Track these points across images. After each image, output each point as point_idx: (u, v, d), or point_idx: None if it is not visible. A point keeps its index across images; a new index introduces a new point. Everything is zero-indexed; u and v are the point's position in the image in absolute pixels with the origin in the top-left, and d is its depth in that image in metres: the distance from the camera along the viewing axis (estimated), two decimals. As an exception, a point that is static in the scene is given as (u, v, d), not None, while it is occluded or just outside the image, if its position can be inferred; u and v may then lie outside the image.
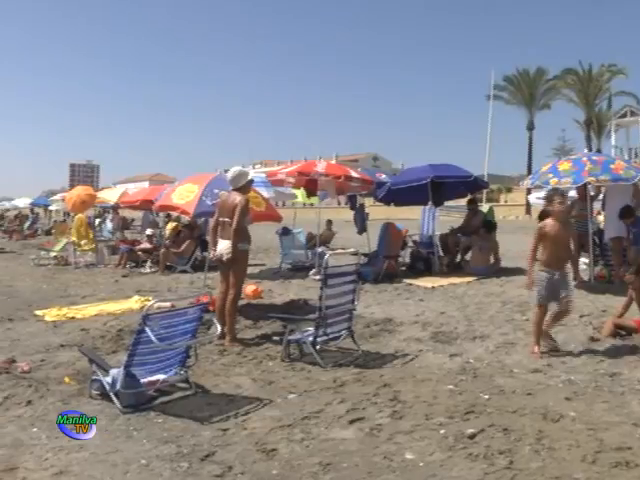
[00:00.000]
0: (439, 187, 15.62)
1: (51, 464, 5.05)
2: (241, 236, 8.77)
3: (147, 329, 6.10)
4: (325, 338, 8.00)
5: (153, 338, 6.09)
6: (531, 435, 5.34)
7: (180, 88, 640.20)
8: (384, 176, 19.19)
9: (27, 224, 44.09)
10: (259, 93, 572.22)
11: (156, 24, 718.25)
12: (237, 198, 8.85)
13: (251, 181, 9.35)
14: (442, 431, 5.48)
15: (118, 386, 6.27)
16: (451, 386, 6.75)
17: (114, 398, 6.28)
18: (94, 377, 6.66)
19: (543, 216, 8.48)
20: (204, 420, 5.91)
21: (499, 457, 4.92)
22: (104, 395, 6.47)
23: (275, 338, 8.60)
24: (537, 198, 19.83)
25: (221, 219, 9.02)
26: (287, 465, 4.91)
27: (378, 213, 25.83)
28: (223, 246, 8.87)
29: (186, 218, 16.63)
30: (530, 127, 66.26)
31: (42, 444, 5.47)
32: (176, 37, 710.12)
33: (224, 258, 8.84)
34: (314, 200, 19.43)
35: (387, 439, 5.35)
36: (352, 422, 5.76)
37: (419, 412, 5.96)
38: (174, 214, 18.98)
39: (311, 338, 7.81)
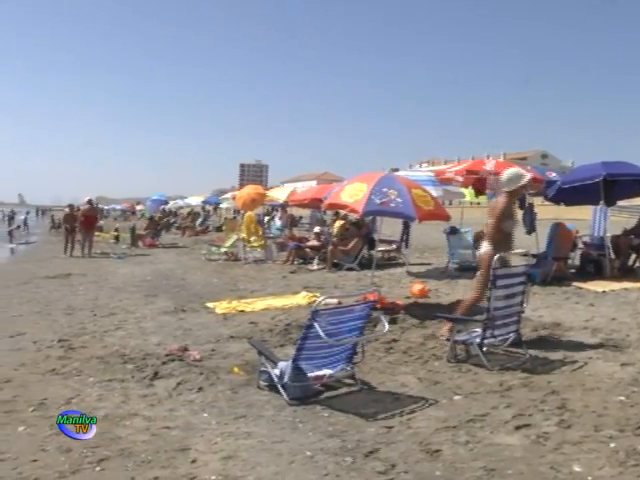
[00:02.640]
0: (612, 186, 14.87)
1: (220, 448, 5.26)
2: (494, 238, 8.49)
3: (316, 324, 6.21)
4: (492, 340, 7.85)
5: (321, 333, 6.20)
6: None
7: (345, 87, 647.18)
8: (554, 174, 18.45)
9: (199, 221, 45.77)
10: (424, 91, 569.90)
11: (329, 24, 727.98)
12: (499, 200, 8.70)
13: (525, 185, 8.82)
14: (612, 445, 5.20)
15: (286, 379, 6.42)
16: (622, 397, 6.39)
17: (281, 390, 6.45)
18: (262, 369, 6.86)
19: None
20: (369, 417, 5.95)
21: (676, 479, 4.61)
22: (271, 387, 6.66)
23: (441, 338, 8.50)
24: None
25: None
26: (450, 467, 4.85)
27: (547, 213, 25.04)
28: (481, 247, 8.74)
29: (354, 216, 16.72)
30: None
31: (212, 429, 5.71)
32: (340, 35, 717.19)
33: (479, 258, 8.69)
34: (482, 199, 19.08)
35: (554, 448, 5.16)
36: (518, 428, 5.61)
37: (588, 422, 5.71)
38: (342, 212, 19.16)
39: (478, 339, 7.68)
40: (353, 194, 11.32)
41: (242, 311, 11.47)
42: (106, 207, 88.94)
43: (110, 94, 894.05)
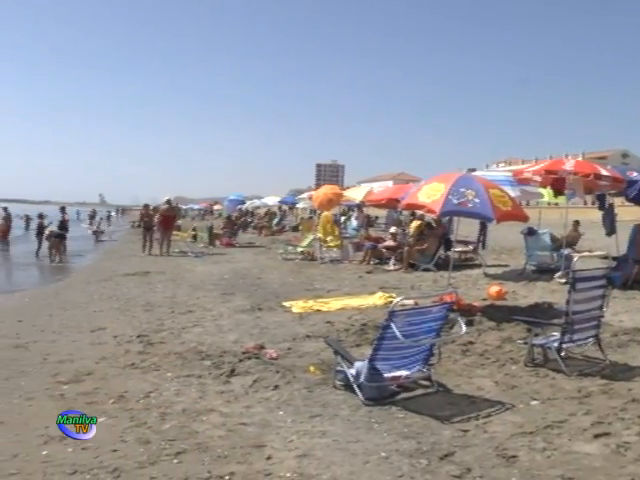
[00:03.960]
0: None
1: (295, 446, 5.31)
2: None
3: (392, 325, 6.20)
4: (571, 344, 7.71)
5: (398, 334, 6.18)
6: None
7: (421, 86, 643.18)
8: (635, 174, 17.94)
9: (275, 221, 46.11)
10: (500, 89, 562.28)
11: (405, 23, 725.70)
12: None
13: None
14: (699, 459, 5.05)
15: (362, 379, 6.43)
16: None
17: (357, 390, 6.47)
18: (338, 368, 6.89)
19: None
20: (444, 419, 5.91)
21: None
22: (347, 386, 6.69)
23: (519, 341, 8.37)
24: None
25: None
26: (527, 474, 4.78)
27: (628, 214, 24.25)
28: None
29: (431, 216, 16.60)
30: None
31: (287, 427, 5.77)
32: (415, 34, 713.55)
33: None
34: (560, 199, 18.69)
35: (635, 459, 5.02)
36: (597, 436, 5.48)
37: (672, 434, 5.55)
38: (419, 212, 19.02)
39: (556, 344, 7.54)
40: (431, 194, 11.22)
41: (318, 310, 11.52)
42: (184, 207, 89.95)
43: (188, 95, 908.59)
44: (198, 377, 7.30)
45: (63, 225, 25.44)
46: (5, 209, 30.43)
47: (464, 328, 7.22)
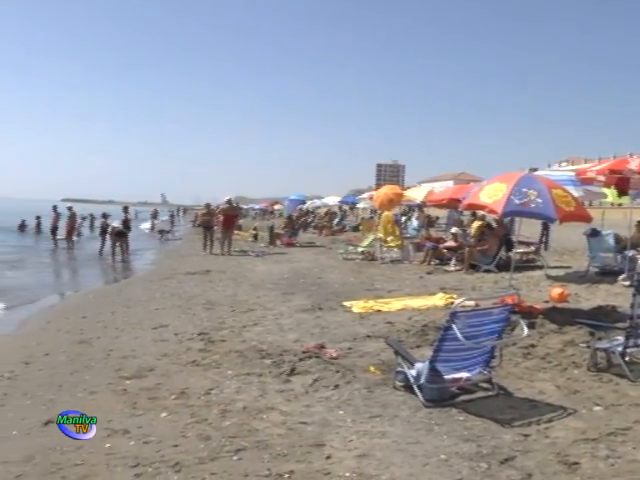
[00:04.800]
0: None
1: (355, 446, 5.32)
2: None
3: (454, 326, 6.16)
4: (635, 349, 7.55)
5: (459, 336, 6.14)
6: None
7: (481, 85, 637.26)
8: None
9: (336, 221, 46.03)
10: (562, 87, 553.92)
11: (470, 23, 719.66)
12: None
13: None
14: None
15: (422, 380, 6.40)
16: None
17: (417, 391, 6.44)
18: (399, 369, 6.87)
19: None
20: (505, 423, 5.85)
21: None
22: (407, 387, 6.66)
23: (581, 345, 8.22)
24: None
25: None
26: (589, 482, 4.70)
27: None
28: None
29: (492, 217, 16.43)
30: None
31: (347, 426, 5.78)
32: (475, 33, 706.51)
33: None
34: (624, 200, 18.28)
35: (703, 472, 4.90)
36: (663, 446, 5.36)
37: None
38: (480, 213, 18.85)
39: (620, 348, 7.38)
40: (492, 194, 11.08)
41: (379, 311, 11.48)
42: (245, 207, 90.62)
43: (251, 96, 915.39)
44: (258, 375, 7.36)
45: (125, 224, 25.80)
46: (70, 208, 30.93)
47: (526, 330, 7.15)
